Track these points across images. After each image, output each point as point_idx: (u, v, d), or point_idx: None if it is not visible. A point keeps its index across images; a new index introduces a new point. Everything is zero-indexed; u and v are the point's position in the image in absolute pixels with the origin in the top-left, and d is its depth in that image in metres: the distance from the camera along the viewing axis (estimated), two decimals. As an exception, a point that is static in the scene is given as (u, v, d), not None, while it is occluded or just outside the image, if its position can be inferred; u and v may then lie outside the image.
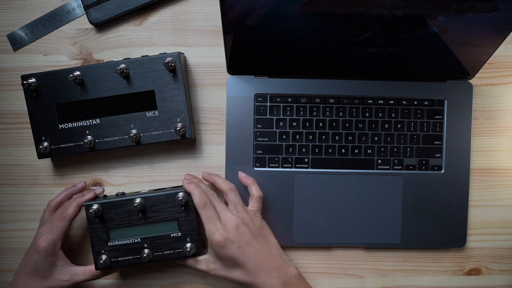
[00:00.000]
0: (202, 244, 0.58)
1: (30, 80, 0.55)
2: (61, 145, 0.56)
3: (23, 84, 0.54)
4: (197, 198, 0.53)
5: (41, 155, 0.56)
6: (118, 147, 0.56)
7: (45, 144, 0.56)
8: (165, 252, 0.55)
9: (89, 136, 0.56)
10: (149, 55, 0.57)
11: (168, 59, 0.54)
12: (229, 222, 0.52)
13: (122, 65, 0.54)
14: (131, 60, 0.55)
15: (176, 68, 0.55)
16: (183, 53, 0.58)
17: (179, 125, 0.56)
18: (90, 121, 0.56)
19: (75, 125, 0.56)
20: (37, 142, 0.56)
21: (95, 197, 0.57)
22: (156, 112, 0.56)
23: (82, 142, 0.56)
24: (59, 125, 0.56)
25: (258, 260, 0.51)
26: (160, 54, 0.56)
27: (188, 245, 0.55)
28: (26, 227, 0.60)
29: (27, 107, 0.56)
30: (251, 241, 0.52)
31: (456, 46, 0.52)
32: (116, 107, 0.56)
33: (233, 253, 0.51)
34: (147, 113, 0.56)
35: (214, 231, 0.51)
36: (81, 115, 0.56)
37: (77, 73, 0.55)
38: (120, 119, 0.56)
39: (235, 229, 0.51)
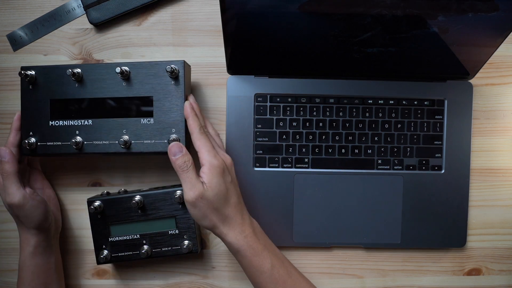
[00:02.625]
0: (199, 243, 0.59)
1: (29, 72, 0.53)
2: (47, 143, 0.54)
3: (20, 74, 0.52)
4: (192, 123, 0.50)
5: (25, 150, 0.54)
6: (107, 153, 0.54)
7: (32, 140, 0.53)
8: (163, 249, 0.56)
9: (78, 137, 0.53)
10: (153, 60, 0.56)
11: (172, 66, 0.52)
12: (226, 157, 0.51)
13: (124, 67, 0.53)
14: (134, 62, 0.54)
15: (179, 77, 0.53)
16: (189, 65, 0.57)
17: (173, 136, 0.53)
18: (82, 121, 0.54)
19: (66, 124, 0.54)
20: (24, 137, 0.54)
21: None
22: (152, 120, 0.53)
23: (69, 142, 0.54)
24: (50, 122, 0.54)
25: (237, 200, 0.50)
26: (165, 60, 0.54)
27: (186, 242, 0.56)
28: (26, 227, 0.60)
29: (21, 98, 0.54)
30: (236, 182, 0.51)
31: (456, 46, 0.52)
32: (111, 110, 0.54)
33: (226, 183, 0.49)
34: (142, 119, 0.53)
35: (213, 156, 0.48)
36: (74, 113, 0.54)
37: (77, 70, 0.53)
38: (113, 122, 0.54)
39: (230, 165, 0.51)
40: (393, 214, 0.59)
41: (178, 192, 0.55)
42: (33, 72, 0.53)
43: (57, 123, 0.54)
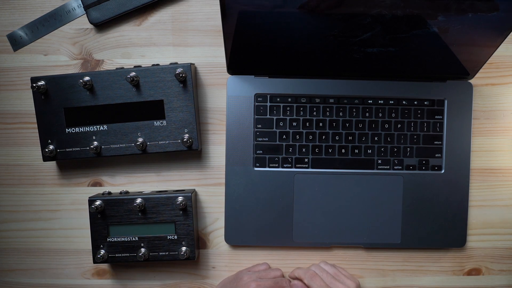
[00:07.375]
0: (197, 248, 0.59)
1: (39, 83, 0.55)
2: (67, 149, 0.56)
3: (32, 87, 0.55)
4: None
5: (46, 158, 0.56)
6: (124, 155, 0.56)
7: (51, 147, 0.56)
8: (160, 253, 0.56)
9: (95, 142, 0.56)
10: (160, 64, 0.57)
11: (179, 70, 0.54)
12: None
13: (133, 73, 0.54)
14: (142, 68, 0.55)
15: (187, 79, 0.55)
16: (193, 64, 0.58)
17: (186, 136, 0.55)
18: (98, 127, 0.56)
19: (82, 130, 0.56)
20: (43, 145, 0.56)
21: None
22: (164, 122, 0.56)
23: (88, 147, 0.56)
24: (66, 129, 0.56)
25: None
26: (171, 64, 0.56)
27: (183, 248, 0.56)
28: (27, 227, 0.60)
29: (35, 109, 0.56)
30: None
31: (456, 46, 0.52)
32: (124, 114, 0.56)
33: None
34: (155, 122, 0.56)
35: None
36: (88, 120, 0.56)
37: (87, 78, 0.55)
38: (128, 126, 0.56)
39: None
40: (393, 214, 0.59)
41: (180, 198, 0.55)
42: (43, 83, 0.55)
43: (73, 130, 0.56)
